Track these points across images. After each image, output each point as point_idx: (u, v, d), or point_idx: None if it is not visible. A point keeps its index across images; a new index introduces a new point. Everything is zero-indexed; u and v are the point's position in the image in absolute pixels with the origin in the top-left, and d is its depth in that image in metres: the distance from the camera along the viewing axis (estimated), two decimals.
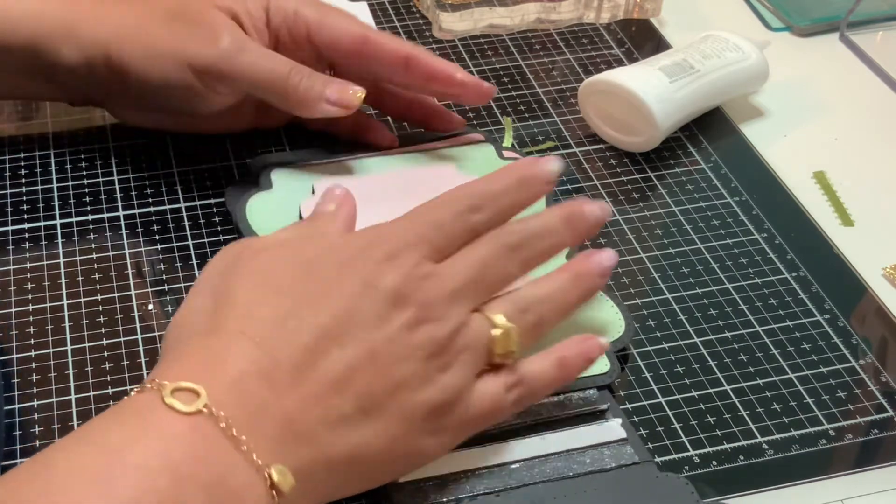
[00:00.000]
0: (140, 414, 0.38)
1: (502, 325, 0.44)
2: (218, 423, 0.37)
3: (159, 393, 0.38)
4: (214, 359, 0.40)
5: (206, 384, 0.38)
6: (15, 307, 0.54)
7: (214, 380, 0.38)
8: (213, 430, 0.37)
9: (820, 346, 0.54)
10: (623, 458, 0.47)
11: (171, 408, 0.37)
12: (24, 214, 0.60)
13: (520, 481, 0.46)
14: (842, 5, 0.78)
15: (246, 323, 0.41)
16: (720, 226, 0.61)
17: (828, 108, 0.71)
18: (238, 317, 0.41)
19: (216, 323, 0.41)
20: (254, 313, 0.41)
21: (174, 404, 0.37)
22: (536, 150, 0.66)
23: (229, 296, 0.42)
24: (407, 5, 0.79)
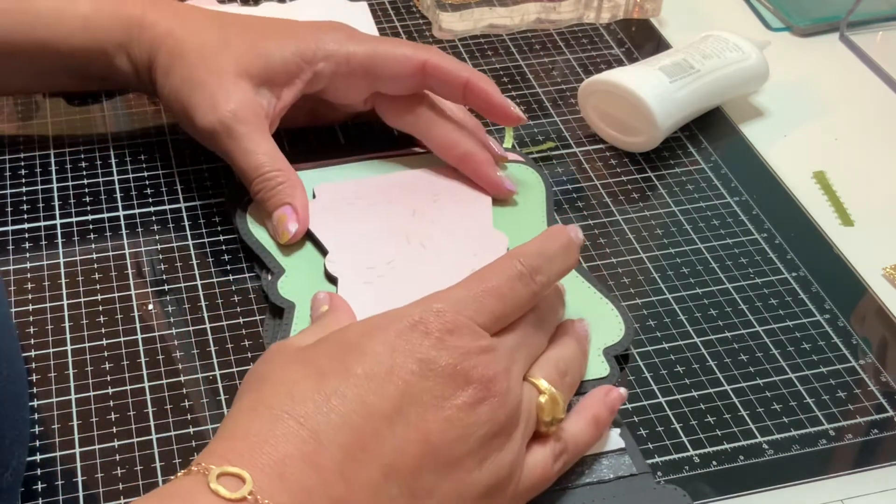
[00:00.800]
0: (184, 499, 0.37)
1: (547, 391, 0.44)
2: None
3: (205, 477, 0.37)
4: (259, 440, 0.38)
5: (251, 469, 0.37)
6: (15, 307, 0.54)
7: (259, 463, 0.37)
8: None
9: (820, 346, 0.54)
10: (621, 469, 0.47)
11: (216, 493, 0.36)
12: (24, 214, 0.60)
13: None
14: (842, 5, 0.78)
15: (289, 403, 0.39)
16: (720, 226, 0.61)
17: (828, 108, 0.71)
18: (281, 396, 0.40)
19: (259, 400, 0.40)
20: (296, 393, 0.39)
21: (219, 490, 0.36)
22: (536, 150, 0.66)
23: (270, 380, 0.41)
24: (407, 5, 0.79)
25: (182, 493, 0.37)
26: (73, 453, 0.48)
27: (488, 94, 0.58)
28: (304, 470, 0.37)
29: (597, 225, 0.61)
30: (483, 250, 0.55)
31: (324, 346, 0.42)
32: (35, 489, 0.46)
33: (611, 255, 0.58)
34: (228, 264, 0.57)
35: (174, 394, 0.50)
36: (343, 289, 0.53)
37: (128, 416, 0.49)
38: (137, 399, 0.50)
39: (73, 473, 0.47)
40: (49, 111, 0.67)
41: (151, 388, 0.50)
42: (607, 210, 0.62)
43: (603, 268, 0.58)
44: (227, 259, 0.57)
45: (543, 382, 0.44)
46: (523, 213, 0.59)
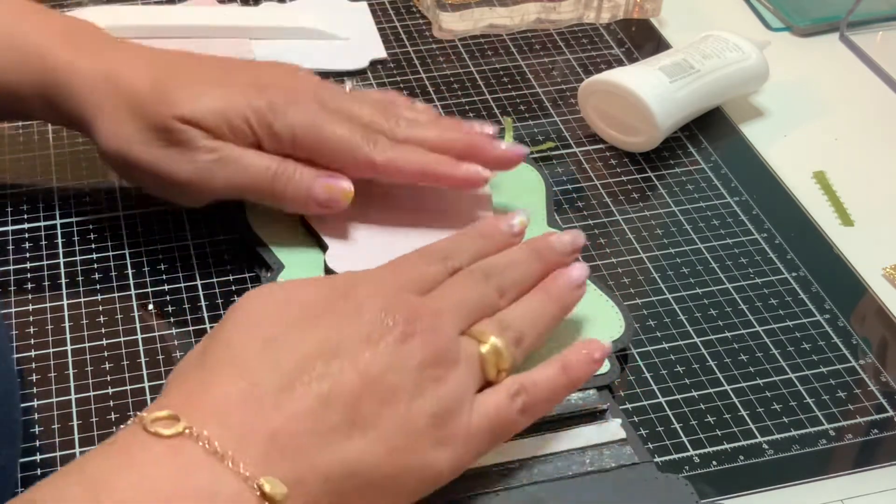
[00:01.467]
0: (123, 445, 0.38)
1: (489, 343, 0.45)
2: (198, 440, 0.37)
3: (141, 424, 0.38)
4: (197, 389, 0.40)
5: (186, 410, 0.38)
6: (15, 307, 0.54)
7: (196, 406, 0.39)
8: (195, 449, 0.37)
9: (820, 346, 0.54)
10: (622, 459, 0.47)
11: (154, 434, 0.37)
12: (24, 214, 0.60)
13: (519, 481, 0.46)
14: (842, 5, 0.78)
15: (228, 354, 0.41)
16: (720, 226, 0.61)
17: (828, 108, 0.71)
18: (221, 349, 0.41)
19: (201, 360, 0.41)
20: (235, 344, 0.41)
21: (157, 430, 0.37)
22: (536, 150, 0.66)
23: (215, 336, 0.42)
24: (407, 5, 0.79)
25: (120, 441, 0.38)
26: (73, 453, 0.48)
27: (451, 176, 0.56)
28: (241, 407, 0.39)
29: (597, 225, 0.61)
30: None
31: (265, 298, 0.44)
32: None
33: (611, 255, 0.58)
34: (228, 264, 0.57)
35: None
36: None
37: (128, 416, 0.49)
38: (137, 399, 0.50)
39: None
40: None
41: (151, 389, 0.50)
42: (607, 210, 0.62)
43: (603, 268, 0.58)
44: (227, 259, 0.57)
45: (485, 334, 0.45)
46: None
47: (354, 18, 0.77)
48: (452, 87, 0.71)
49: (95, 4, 0.76)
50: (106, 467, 0.37)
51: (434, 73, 0.72)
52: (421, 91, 0.70)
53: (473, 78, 0.72)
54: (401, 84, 0.71)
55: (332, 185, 0.54)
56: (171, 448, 0.37)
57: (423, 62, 0.73)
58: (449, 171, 0.55)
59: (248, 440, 0.38)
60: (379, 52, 0.73)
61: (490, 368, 0.45)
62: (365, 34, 0.75)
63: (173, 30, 0.73)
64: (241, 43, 0.73)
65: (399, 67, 0.72)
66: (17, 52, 0.55)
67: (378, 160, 0.54)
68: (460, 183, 0.56)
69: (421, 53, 0.74)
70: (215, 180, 0.54)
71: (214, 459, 0.37)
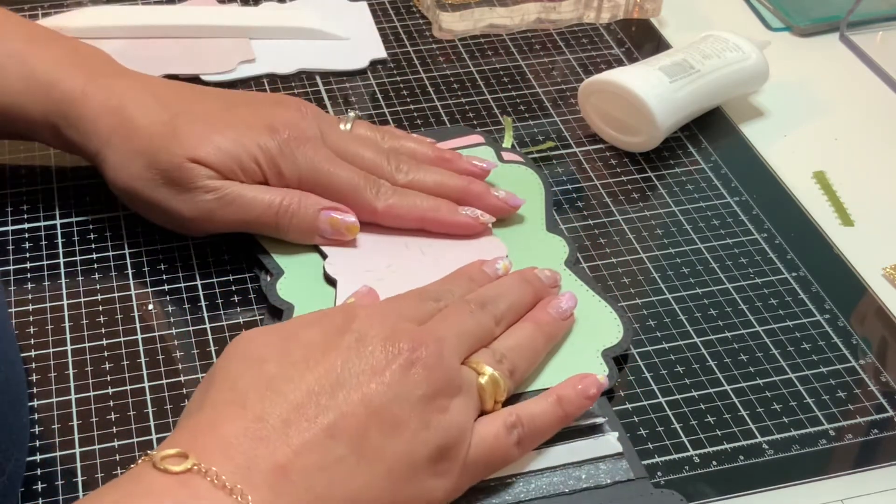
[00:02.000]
0: (133, 479, 0.38)
1: (487, 373, 0.46)
2: (206, 476, 0.38)
3: (151, 462, 0.38)
4: (203, 428, 0.40)
5: (194, 449, 0.39)
6: (15, 307, 0.54)
7: (202, 444, 0.39)
8: (203, 483, 0.38)
9: (820, 346, 0.54)
10: (618, 474, 0.47)
11: (164, 470, 0.38)
12: (24, 214, 0.60)
13: (516, 496, 0.46)
14: (842, 5, 0.78)
15: (232, 394, 0.41)
16: (720, 226, 0.61)
17: (828, 108, 0.71)
18: (225, 389, 0.42)
19: (204, 399, 0.42)
20: (239, 385, 0.41)
21: (166, 467, 0.38)
22: (536, 150, 0.66)
23: (217, 376, 0.43)
24: (407, 5, 0.79)
25: (130, 476, 0.39)
26: (73, 453, 0.48)
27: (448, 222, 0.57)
28: (246, 443, 0.39)
29: (597, 225, 0.61)
30: (481, 257, 0.55)
31: (265, 338, 0.44)
32: (35, 489, 0.46)
33: (611, 255, 0.58)
34: (228, 264, 0.57)
35: (174, 394, 0.50)
36: (342, 291, 0.54)
37: (128, 416, 0.49)
38: (137, 399, 0.50)
39: (73, 473, 0.47)
40: None
41: (151, 388, 0.50)
42: (607, 210, 0.62)
43: (603, 268, 0.58)
44: (227, 259, 0.57)
45: (483, 365, 0.46)
46: (521, 215, 0.59)
47: (354, 18, 0.77)
48: (452, 87, 0.71)
49: (95, 4, 0.76)
50: (115, 498, 0.37)
51: (434, 73, 0.72)
52: (421, 91, 0.70)
53: (473, 78, 0.72)
54: (401, 84, 0.71)
55: (337, 219, 0.55)
56: (180, 482, 0.38)
57: (423, 62, 0.73)
58: (448, 218, 0.57)
59: (255, 474, 0.38)
60: (379, 52, 0.73)
61: (488, 399, 0.46)
62: (365, 34, 0.75)
63: (173, 30, 0.73)
64: (241, 43, 0.73)
65: (399, 67, 0.72)
66: (27, 80, 0.56)
67: (379, 207, 0.56)
68: (460, 229, 0.57)
69: (421, 53, 0.74)
70: (219, 218, 0.55)
71: (223, 493, 0.37)
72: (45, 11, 0.76)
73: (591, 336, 0.52)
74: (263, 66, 0.71)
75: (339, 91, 0.70)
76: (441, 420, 0.43)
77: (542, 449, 0.47)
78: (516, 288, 0.51)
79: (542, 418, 0.46)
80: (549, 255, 0.57)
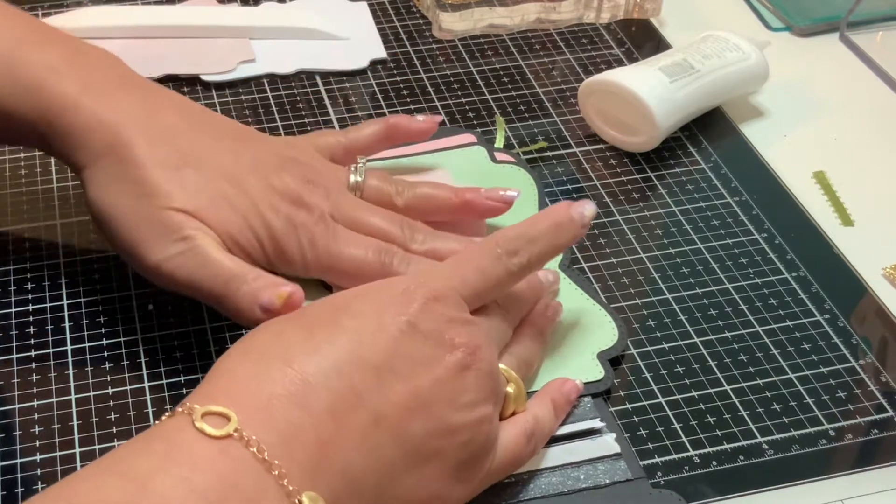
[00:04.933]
0: (169, 440, 0.37)
1: (515, 382, 0.46)
2: (249, 446, 0.36)
3: (189, 417, 0.37)
4: (247, 381, 0.38)
5: (237, 407, 0.37)
6: (15, 307, 0.54)
7: (246, 403, 0.37)
8: (244, 454, 0.36)
9: (820, 346, 0.54)
10: (617, 475, 0.47)
11: (202, 432, 0.36)
12: (24, 215, 0.60)
13: (515, 497, 0.46)
14: (842, 5, 0.78)
15: (278, 349, 0.40)
16: (720, 226, 0.61)
17: (828, 108, 0.71)
18: (270, 344, 0.40)
19: (250, 347, 0.40)
20: (285, 341, 0.40)
21: (204, 428, 0.36)
22: (524, 150, 0.66)
23: (261, 331, 0.41)
24: (407, 5, 0.79)
25: (166, 434, 0.37)
26: (74, 453, 0.48)
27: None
28: (292, 409, 0.38)
29: (597, 225, 0.61)
30: None
31: (314, 308, 0.43)
32: (35, 489, 0.46)
33: (611, 255, 0.58)
34: None
35: (174, 394, 0.50)
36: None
37: (128, 416, 0.49)
38: (137, 399, 0.50)
39: None
40: None
41: (151, 388, 0.50)
42: (607, 210, 0.62)
43: (603, 268, 0.58)
44: None
45: (512, 373, 0.46)
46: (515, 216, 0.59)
47: (354, 18, 0.77)
48: (452, 87, 0.71)
49: (95, 4, 0.76)
50: (150, 465, 0.35)
51: (434, 73, 0.72)
52: (421, 91, 0.70)
53: (473, 78, 0.72)
54: (401, 84, 0.71)
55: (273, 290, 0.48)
56: (220, 450, 0.36)
57: (423, 62, 0.73)
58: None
59: (297, 448, 0.37)
60: (379, 52, 0.73)
61: (510, 407, 0.45)
62: (365, 34, 0.75)
63: (173, 30, 0.73)
64: (241, 43, 0.73)
65: (399, 67, 0.72)
66: (14, 80, 0.51)
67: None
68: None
69: (421, 53, 0.74)
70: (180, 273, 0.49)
71: (262, 468, 0.36)
72: (44, 12, 0.76)
73: (586, 338, 0.52)
74: (263, 66, 0.71)
75: (339, 91, 0.70)
76: (481, 431, 0.42)
77: (541, 449, 0.47)
78: (524, 298, 0.51)
79: (549, 426, 0.47)
80: None
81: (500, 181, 0.61)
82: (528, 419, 0.45)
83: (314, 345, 0.40)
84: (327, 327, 0.41)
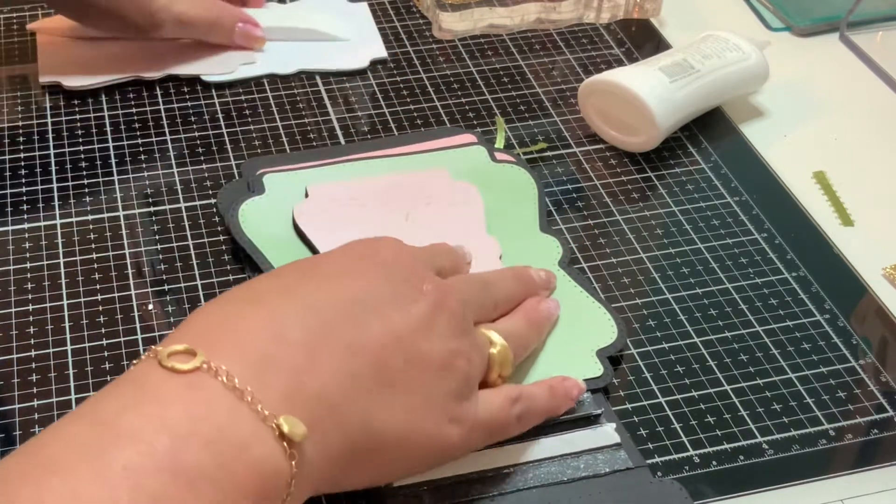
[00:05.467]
0: (136, 381, 0.37)
1: (499, 344, 0.46)
2: (217, 376, 0.36)
3: (156, 358, 0.37)
4: (217, 324, 0.39)
5: (206, 344, 0.37)
6: (15, 307, 0.54)
7: (215, 340, 0.37)
8: (213, 384, 0.36)
9: (820, 346, 0.54)
10: (617, 464, 0.47)
11: (170, 369, 0.36)
12: (24, 214, 0.60)
13: (514, 486, 0.46)
14: (842, 5, 0.78)
15: (249, 293, 0.40)
16: (720, 226, 0.61)
17: (828, 108, 0.71)
18: (244, 291, 0.41)
19: (223, 297, 0.41)
20: (255, 285, 0.41)
21: (173, 366, 0.36)
22: (527, 150, 0.66)
23: (239, 285, 0.42)
24: (407, 5, 0.79)
25: (133, 377, 0.37)
26: None
27: None
28: (264, 342, 0.38)
29: (597, 225, 0.61)
30: (475, 255, 0.55)
31: (287, 266, 0.43)
32: None
33: (611, 255, 0.58)
34: (228, 264, 0.57)
35: None
36: None
37: None
38: None
39: None
40: (49, 110, 0.67)
41: None
42: (607, 210, 0.62)
43: (603, 268, 0.58)
44: (227, 259, 0.57)
45: (495, 335, 0.46)
46: (515, 215, 0.59)
47: (354, 18, 0.77)
48: (452, 87, 0.71)
49: None
50: (118, 406, 0.35)
51: (434, 73, 0.72)
52: (421, 91, 0.70)
53: (473, 78, 0.72)
54: (401, 84, 0.71)
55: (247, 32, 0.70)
56: (188, 384, 0.36)
57: (423, 62, 0.73)
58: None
59: (270, 374, 0.37)
60: (379, 51, 0.73)
61: (495, 369, 0.46)
62: (365, 34, 0.75)
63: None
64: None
65: (399, 67, 0.72)
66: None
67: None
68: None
69: (421, 53, 0.74)
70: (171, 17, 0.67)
71: (233, 396, 0.36)
72: (45, 12, 0.76)
73: (585, 336, 0.52)
74: (264, 67, 0.71)
75: (339, 91, 0.70)
76: (457, 366, 0.42)
77: (540, 440, 0.47)
78: (511, 283, 0.51)
79: (539, 402, 0.47)
80: (542, 255, 0.57)
81: (500, 180, 0.61)
82: (513, 387, 0.46)
83: (287, 288, 0.40)
84: (298, 277, 0.41)
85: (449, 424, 0.42)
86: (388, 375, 0.40)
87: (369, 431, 0.39)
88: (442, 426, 0.42)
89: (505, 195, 0.60)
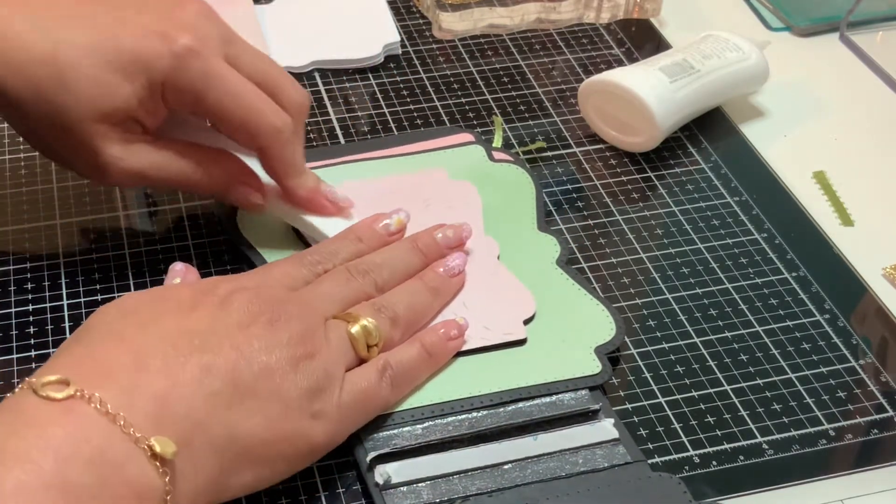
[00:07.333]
0: (14, 410, 0.39)
1: (359, 322, 0.48)
2: (91, 402, 0.38)
3: (31, 388, 0.39)
4: (84, 357, 0.41)
5: (76, 376, 0.39)
6: (15, 307, 0.54)
7: (84, 371, 0.40)
8: (88, 410, 0.38)
9: (820, 346, 0.54)
10: (615, 459, 0.47)
11: (46, 398, 0.38)
12: (24, 214, 0.60)
13: (512, 482, 0.46)
14: (842, 5, 0.78)
15: (108, 333, 0.43)
16: (720, 226, 0.61)
17: (828, 108, 0.71)
18: (101, 331, 0.43)
19: (81, 334, 0.43)
20: (114, 325, 0.43)
21: (48, 394, 0.38)
22: (525, 150, 0.66)
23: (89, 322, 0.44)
24: (407, 5, 0.79)
25: (10, 406, 0.39)
26: None
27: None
28: (127, 370, 0.41)
29: (597, 225, 0.61)
30: (472, 256, 0.55)
31: (136, 296, 0.46)
32: None
33: (611, 255, 0.58)
34: (228, 264, 0.57)
35: None
36: None
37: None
38: None
39: None
40: None
41: None
42: (607, 210, 0.62)
43: (603, 267, 0.58)
44: (227, 259, 0.57)
45: (357, 315, 0.48)
46: (513, 214, 0.59)
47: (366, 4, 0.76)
48: (452, 87, 0.71)
49: None
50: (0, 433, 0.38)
51: (434, 73, 0.72)
52: (421, 91, 0.70)
53: (473, 78, 0.72)
54: (401, 84, 0.71)
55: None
56: (64, 409, 0.38)
57: (423, 62, 0.73)
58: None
59: (137, 401, 0.40)
60: (392, 36, 0.73)
61: (360, 346, 0.47)
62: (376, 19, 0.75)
63: None
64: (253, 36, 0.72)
65: (399, 67, 0.72)
66: None
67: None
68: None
69: (421, 53, 0.74)
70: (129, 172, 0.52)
71: (107, 420, 0.38)
72: None
73: (583, 333, 0.52)
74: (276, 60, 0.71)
75: (339, 91, 0.70)
76: (308, 365, 0.45)
77: (539, 435, 0.48)
78: (404, 255, 0.53)
79: (410, 362, 0.48)
80: (540, 254, 0.57)
81: (498, 180, 0.61)
82: (380, 357, 0.48)
83: (141, 324, 0.43)
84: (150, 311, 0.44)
85: (311, 420, 0.44)
86: (242, 389, 0.43)
87: (236, 441, 0.42)
88: (302, 424, 0.44)
89: (503, 194, 0.60)
